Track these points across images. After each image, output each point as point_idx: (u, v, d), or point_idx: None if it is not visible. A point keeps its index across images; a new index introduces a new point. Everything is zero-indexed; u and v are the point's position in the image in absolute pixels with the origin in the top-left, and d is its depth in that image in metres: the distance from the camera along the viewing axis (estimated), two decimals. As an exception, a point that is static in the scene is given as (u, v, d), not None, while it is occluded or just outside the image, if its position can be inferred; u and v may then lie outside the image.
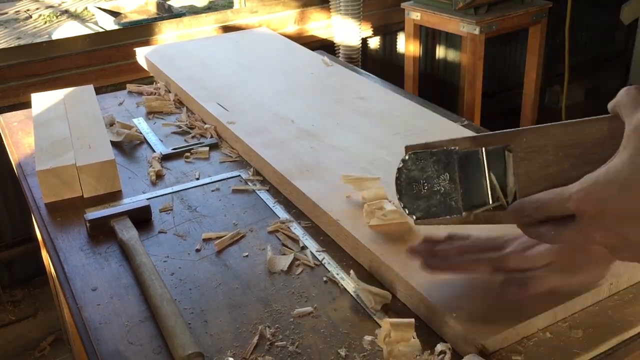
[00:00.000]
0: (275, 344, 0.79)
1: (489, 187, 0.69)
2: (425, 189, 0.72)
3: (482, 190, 0.69)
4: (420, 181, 0.72)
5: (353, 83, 1.49)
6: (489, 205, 0.69)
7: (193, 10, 5.59)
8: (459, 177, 0.70)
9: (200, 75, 1.55)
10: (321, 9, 2.77)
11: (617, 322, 0.79)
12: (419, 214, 0.73)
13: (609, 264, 0.76)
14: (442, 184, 0.71)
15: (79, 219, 1.07)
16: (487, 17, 2.45)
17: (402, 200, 0.73)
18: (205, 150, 1.27)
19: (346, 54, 2.71)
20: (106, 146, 1.17)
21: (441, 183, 0.71)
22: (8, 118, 1.49)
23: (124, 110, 1.49)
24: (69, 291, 0.90)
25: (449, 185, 0.71)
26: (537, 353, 0.75)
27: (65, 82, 2.20)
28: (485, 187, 0.69)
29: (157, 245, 1.00)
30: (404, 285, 0.84)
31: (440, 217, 0.72)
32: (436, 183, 0.71)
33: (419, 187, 0.72)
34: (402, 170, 0.73)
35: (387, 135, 1.23)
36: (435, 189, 0.71)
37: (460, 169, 0.70)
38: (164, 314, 0.81)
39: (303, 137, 1.23)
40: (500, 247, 0.78)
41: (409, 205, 0.73)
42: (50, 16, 5.72)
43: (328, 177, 1.09)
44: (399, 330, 0.74)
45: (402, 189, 0.73)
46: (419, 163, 0.72)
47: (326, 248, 0.97)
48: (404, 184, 0.73)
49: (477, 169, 0.70)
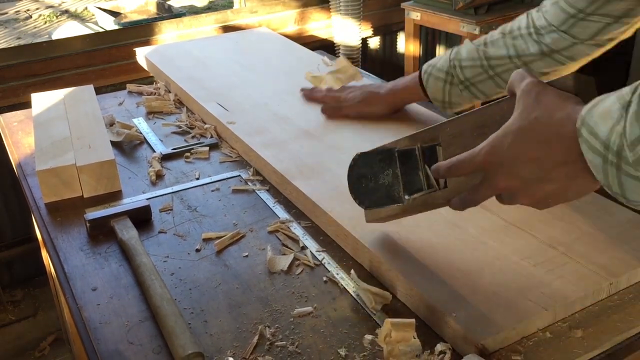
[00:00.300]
0: (275, 343, 0.79)
1: (424, 177, 0.80)
2: (372, 182, 0.83)
3: (419, 180, 0.80)
4: (368, 176, 0.83)
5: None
6: (425, 192, 0.80)
7: (193, 10, 5.59)
8: (400, 172, 0.81)
9: (200, 75, 1.55)
10: (321, 9, 2.77)
11: (617, 322, 0.79)
12: (368, 203, 0.84)
13: None
14: (387, 178, 0.83)
15: (79, 219, 1.07)
16: (487, 17, 2.45)
17: (353, 193, 0.85)
18: (205, 150, 1.27)
19: (346, 54, 2.71)
20: (106, 146, 1.17)
21: (385, 177, 0.83)
22: (8, 118, 1.49)
23: (124, 110, 1.49)
24: (69, 291, 0.90)
25: (392, 179, 0.82)
26: (537, 353, 0.75)
27: (65, 82, 2.20)
28: (421, 177, 0.80)
29: (157, 245, 1.00)
30: (404, 285, 0.84)
31: (385, 206, 0.84)
32: (381, 177, 0.83)
33: (367, 181, 0.83)
34: (353, 168, 0.84)
35: (387, 135, 1.23)
36: (380, 183, 0.83)
37: (400, 164, 0.81)
38: (164, 314, 0.82)
39: (303, 137, 1.23)
40: None
41: (359, 197, 0.85)
42: (50, 16, 5.72)
43: (328, 177, 1.09)
44: (399, 330, 0.74)
45: (353, 183, 0.85)
46: (367, 162, 0.83)
47: (326, 248, 0.97)
48: (354, 179, 0.84)
49: (414, 163, 0.81)
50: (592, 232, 0.92)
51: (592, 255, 0.87)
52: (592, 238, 0.91)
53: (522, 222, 0.95)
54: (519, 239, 0.91)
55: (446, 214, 0.97)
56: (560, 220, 0.95)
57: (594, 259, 0.87)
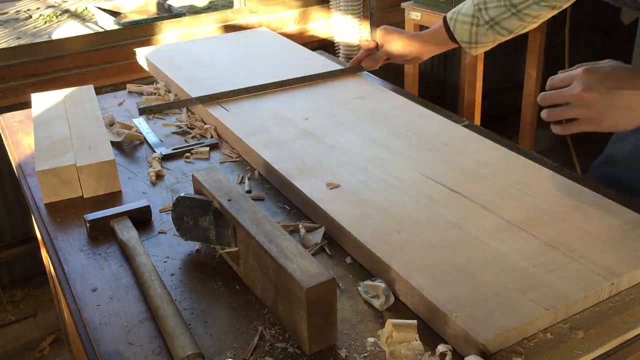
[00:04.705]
0: (275, 345, 0.79)
1: (232, 236, 0.91)
2: (192, 222, 0.95)
3: (228, 237, 0.92)
4: (188, 216, 0.95)
5: (353, 83, 1.49)
6: (232, 248, 0.92)
7: (193, 10, 5.59)
8: (214, 222, 0.94)
9: (200, 75, 1.54)
10: (321, 8, 2.77)
11: (618, 323, 0.79)
12: (187, 236, 0.96)
13: None
14: (204, 222, 0.94)
15: (79, 219, 1.06)
16: (488, 17, 2.45)
17: (176, 225, 0.96)
18: (205, 150, 1.27)
19: (346, 53, 2.71)
20: (106, 146, 1.17)
21: (203, 221, 0.94)
22: (8, 118, 1.49)
23: (124, 110, 1.49)
24: (68, 292, 0.90)
25: (208, 224, 0.94)
26: (537, 354, 0.75)
27: (65, 82, 2.19)
28: (229, 236, 0.92)
29: (157, 245, 0.99)
30: (404, 285, 0.84)
31: (202, 242, 0.97)
32: (200, 220, 0.94)
33: (187, 219, 0.95)
34: (176, 207, 0.95)
35: (387, 135, 1.23)
36: (199, 224, 0.95)
37: (214, 217, 0.93)
38: (164, 315, 0.81)
39: (303, 137, 1.23)
40: None
41: (180, 230, 0.96)
42: (50, 16, 5.71)
43: (328, 177, 1.09)
44: (401, 331, 0.74)
45: (176, 219, 0.96)
46: (188, 205, 0.95)
47: (327, 248, 0.97)
48: (177, 215, 0.95)
49: (224, 222, 0.92)
50: (594, 232, 0.92)
51: (594, 256, 0.87)
52: (593, 238, 0.91)
53: (522, 222, 0.95)
54: (519, 239, 0.91)
55: (446, 214, 0.97)
56: (561, 220, 0.95)
57: (595, 259, 0.86)
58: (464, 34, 1.35)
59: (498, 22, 1.30)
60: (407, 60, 1.48)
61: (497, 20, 1.30)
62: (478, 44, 1.36)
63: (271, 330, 0.81)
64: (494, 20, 1.30)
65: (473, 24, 1.33)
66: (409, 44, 1.43)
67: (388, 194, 1.03)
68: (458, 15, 1.36)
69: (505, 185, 1.05)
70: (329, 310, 0.77)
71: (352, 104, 1.37)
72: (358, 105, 1.37)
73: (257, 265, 0.84)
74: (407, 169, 1.10)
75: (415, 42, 1.43)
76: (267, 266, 0.81)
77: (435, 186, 1.05)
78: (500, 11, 1.28)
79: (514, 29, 1.31)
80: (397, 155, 1.15)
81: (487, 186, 1.05)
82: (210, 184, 0.95)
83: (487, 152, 1.16)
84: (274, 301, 0.83)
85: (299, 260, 0.78)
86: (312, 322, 0.76)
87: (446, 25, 1.38)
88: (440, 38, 1.41)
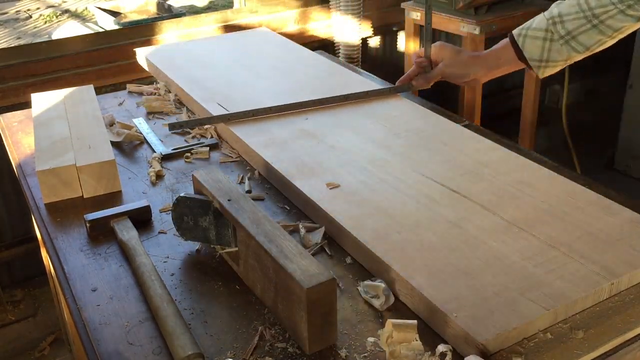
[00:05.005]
0: (275, 345, 0.79)
1: (232, 236, 0.91)
2: (192, 222, 0.95)
3: (228, 237, 0.92)
4: (188, 216, 0.95)
5: (353, 83, 1.49)
6: (232, 248, 0.92)
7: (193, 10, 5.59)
8: (214, 222, 0.94)
9: (200, 75, 1.54)
10: (321, 8, 2.77)
11: (618, 323, 0.79)
12: (187, 236, 0.96)
13: None
14: (204, 222, 0.94)
15: (79, 219, 1.06)
16: (487, 17, 2.45)
17: (176, 225, 0.96)
18: (205, 150, 1.27)
19: (346, 53, 2.71)
20: (106, 146, 1.17)
21: (203, 221, 0.94)
22: (8, 118, 1.49)
23: (124, 110, 1.49)
24: (68, 292, 0.90)
25: (208, 224, 0.94)
26: (537, 354, 0.75)
27: (65, 82, 2.19)
28: (229, 236, 0.92)
29: (157, 245, 0.99)
30: (404, 285, 0.84)
31: (202, 242, 0.97)
32: (200, 220, 0.95)
33: (187, 219, 0.95)
34: (176, 207, 0.95)
35: (387, 135, 1.23)
36: (199, 224, 0.95)
37: (214, 217, 0.93)
38: (164, 315, 0.81)
39: (303, 137, 1.23)
40: None
41: (180, 230, 0.96)
42: (51, 16, 5.71)
43: (328, 177, 1.09)
44: (401, 331, 0.74)
45: (176, 219, 0.96)
46: (188, 205, 0.95)
47: (327, 248, 0.97)
48: (177, 215, 0.96)
49: (224, 222, 0.92)
50: (593, 232, 0.92)
51: (593, 256, 0.87)
52: (593, 238, 0.91)
53: (523, 222, 0.95)
54: (519, 239, 0.91)
55: (447, 214, 0.97)
56: (561, 220, 0.95)
57: (595, 259, 0.86)
58: (534, 51, 1.22)
59: (575, 37, 1.19)
60: (464, 81, 1.34)
61: (574, 34, 1.18)
62: (549, 63, 1.23)
63: (271, 330, 0.81)
64: (570, 34, 1.18)
65: (546, 39, 1.21)
66: (469, 64, 1.31)
67: (388, 194, 1.03)
68: (527, 31, 1.23)
69: (505, 185, 1.05)
70: (329, 310, 0.77)
71: (352, 104, 1.37)
72: (358, 105, 1.36)
73: (257, 265, 0.84)
74: (407, 169, 1.10)
75: (476, 62, 1.30)
76: (267, 266, 0.81)
77: (435, 186, 1.05)
78: (579, 23, 1.17)
79: (591, 45, 1.19)
80: (397, 155, 1.15)
81: (487, 186, 1.05)
82: (210, 184, 0.95)
83: (487, 152, 1.16)
84: (274, 301, 0.83)
85: (299, 260, 0.78)
86: (312, 322, 0.76)
87: (513, 42, 1.24)
88: (505, 58, 1.27)
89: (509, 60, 1.27)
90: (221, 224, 0.93)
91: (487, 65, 1.30)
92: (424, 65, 1.36)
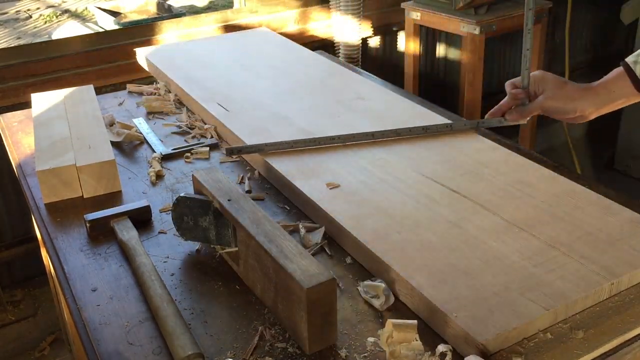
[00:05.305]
0: (275, 345, 0.79)
1: (232, 236, 0.91)
2: (192, 222, 0.95)
3: (228, 237, 0.92)
4: (188, 216, 0.95)
5: (353, 83, 1.49)
6: (232, 248, 0.92)
7: (193, 10, 5.59)
8: (214, 222, 0.94)
9: (200, 75, 1.54)
10: (321, 8, 2.77)
11: (618, 323, 0.79)
12: (187, 236, 0.96)
13: None
14: (204, 222, 0.94)
15: (79, 219, 1.06)
16: (487, 17, 2.45)
17: (176, 225, 0.96)
18: (205, 150, 1.27)
19: (346, 53, 2.71)
20: (106, 146, 1.17)
21: (203, 221, 0.94)
22: (8, 118, 1.49)
23: (124, 110, 1.49)
24: (68, 292, 0.90)
25: (208, 224, 0.94)
26: (537, 354, 0.75)
27: (65, 82, 2.19)
28: (229, 236, 0.92)
29: (157, 245, 0.99)
30: (404, 285, 0.84)
31: (202, 242, 0.97)
32: (200, 220, 0.94)
33: (187, 219, 0.95)
34: (176, 207, 0.95)
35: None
36: (199, 224, 0.95)
37: (214, 217, 0.93)
38: (164, 315, 0.81)
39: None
40: None
41: (180, 230, 0.96)
42: (50, 16, 5.71)
43: (328, 177, 1.09)
44: (401, 331, 0.74)
45: (176, 219, 0.96)
46: (188, 205, 0.95)
47: (327, 248, 0.97)
48: (177, 215, 0.95)
49: (224, 222, 0.92)
50: (593, 232, 0.92)
51: (593, 256, 0.87)
52: (593, 238, 0.91)
53: (523, 222, 0.95)
54: (519, 239, 0.91)
55: (447, 214, 0.97)
56: (561, 220, 0.95)
57: (595, 259, 0.86)
58: None
59: None
60: (568, 117, 1.14)
61: None
62: None
63: (271, 330, 0.81)
64: None
65: None
66: (576, 98, 1.12)
67: (388, 194, 1.03)
68: None
69: (505, 185, 1.05)
70: (329, 310, 0.77)
71: (352, 104, 1.37)
72: (358, 105, 1.37)
73: (257, 265, 0.84)
74: (407, 169, 1.10)
75: (585, 95, 1.12)
76: (267, 266, 0.81)
77: (435, 186, 1.05)
78: None
79: None
80: (397, 155, 1.15)
81: (487, 186, 1.05)
82: (210, 184, 0.95)
83: (487, 152, 1.16)
84: (274, 301, 0.83)
85: (299, 260, 0.78)
86: (312, 322, 0.76)
87: (629, 71, 1.07)
88: (619, 90, 1.09)
89: (624, 92, 1.09)
90: (221, 224, 0.93)
91: (599, 100, 1.11)
92: (520, 97, 1.17)
